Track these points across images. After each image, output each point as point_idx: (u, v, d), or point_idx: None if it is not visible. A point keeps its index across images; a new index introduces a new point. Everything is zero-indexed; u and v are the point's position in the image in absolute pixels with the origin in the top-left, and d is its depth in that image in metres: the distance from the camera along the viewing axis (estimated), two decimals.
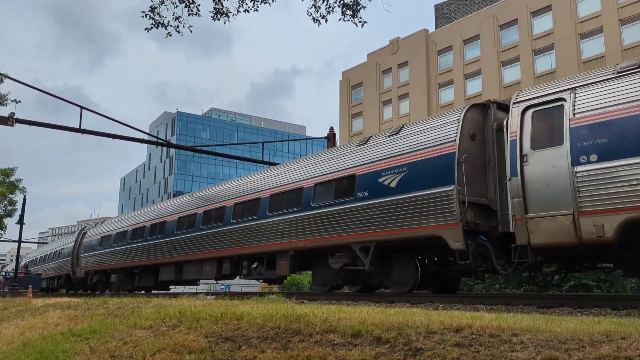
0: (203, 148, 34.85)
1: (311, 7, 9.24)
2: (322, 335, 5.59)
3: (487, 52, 42.64)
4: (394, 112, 49.59)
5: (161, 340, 6.65)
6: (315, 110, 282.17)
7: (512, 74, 41.14)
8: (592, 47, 36.66)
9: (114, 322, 8.30)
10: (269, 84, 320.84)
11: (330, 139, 24.57)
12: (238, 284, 30.66)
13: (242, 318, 6.93)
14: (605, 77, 8.98)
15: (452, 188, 10.17)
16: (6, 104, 27.81)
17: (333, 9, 9.20)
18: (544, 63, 39.20)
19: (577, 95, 9.06)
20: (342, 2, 9.15)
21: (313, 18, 9.25)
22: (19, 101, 23.34)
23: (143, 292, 23.02)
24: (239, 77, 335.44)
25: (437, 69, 46.88)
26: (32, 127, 19.47)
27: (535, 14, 40.09)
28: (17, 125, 18.86)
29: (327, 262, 13.00)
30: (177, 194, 76.13)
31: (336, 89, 57.49)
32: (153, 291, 22.97)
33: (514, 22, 41.32)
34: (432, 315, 6.25)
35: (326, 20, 9.33)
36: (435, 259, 12.16)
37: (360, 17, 9.30)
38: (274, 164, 22.37)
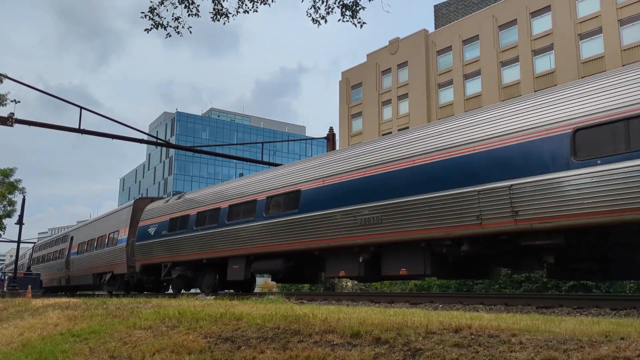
0: (202, 148, 34.76)
1: (311, 8, 9.23)
2: (322, 336, 5.60)
3: (486, 53, 42.64)
4: (393, 112, 49.58)
5: (160, 340, 6.65)
6: (320, 109, 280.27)
7: (511, 74, 41.11)
8: (592, 48, 36.66)
9: (113, 323, 8.30)
10: (274, 83, 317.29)
11: (330, 139, 24.50)
12: None
13: (242, 318, 6.94)
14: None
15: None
16: (6, 104, 27.77)
17: (332, 9, 9.19)
18: (544, 63, 39.19)
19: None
20: (341, 3, 9.13)
21: (312, 19, 9.24)
22: (19, 101, 23.42)
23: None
24: (245, 75, 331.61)
25: (437, 69, 46.86)
26: (32, 127, 19.48)
27: (535, 14, 40.08)
28: (17, 125, 18.88)
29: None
30: (176, 194, 75.97)
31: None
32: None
33: (513, 22, 41.31)
34: (432, 315, 6.26)
35: (325, 21, 9.31)
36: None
37: (360, 18, 9.27)
38: (274, 164, 22.63)
